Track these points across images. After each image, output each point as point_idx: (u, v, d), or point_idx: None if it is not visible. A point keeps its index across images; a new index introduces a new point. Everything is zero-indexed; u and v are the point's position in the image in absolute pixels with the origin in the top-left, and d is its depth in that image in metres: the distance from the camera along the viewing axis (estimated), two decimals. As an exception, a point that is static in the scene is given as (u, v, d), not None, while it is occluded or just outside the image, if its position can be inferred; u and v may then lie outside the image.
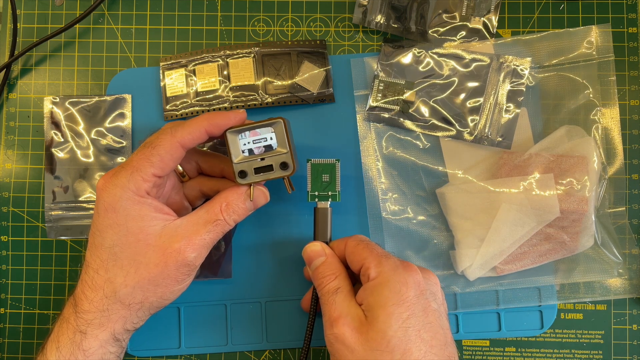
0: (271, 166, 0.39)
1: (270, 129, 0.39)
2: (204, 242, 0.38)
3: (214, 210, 0.38)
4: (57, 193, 0.46)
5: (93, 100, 0.47)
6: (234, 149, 0.39)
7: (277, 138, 0.39)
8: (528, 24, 0.47)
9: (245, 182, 0.39)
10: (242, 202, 0.39)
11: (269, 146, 0.39)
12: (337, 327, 0.35)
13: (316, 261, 0.40)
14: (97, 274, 0.37)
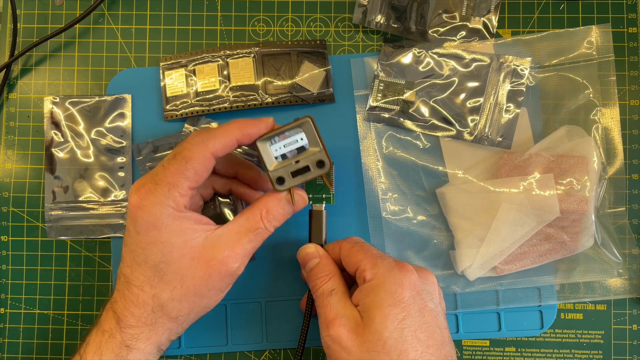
0: (307, 167, 0.38)
1: (299, 130, 0.38)
2: (246, 251, 0.37)
3: (255, 219, 0.38)
4: (57, 193, 0.46)
5: (93, 100, 0.47)
6: (266, 157, 0.38)
7: (308, 137, 0.38)
8: (528, 24, 0.47)
9: (284, 187, 0.38)
10: (282, 207, 0.39)
11: (301, 147, 0.38)
12: (333, 328, 0.35)
13: (310, 263, 0.40)
14: (142, 291, 0.37)
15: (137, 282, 0.37)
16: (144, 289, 0.37)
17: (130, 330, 0.37)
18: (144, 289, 0.37)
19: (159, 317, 0.37)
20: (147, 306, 0.37)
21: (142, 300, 0.37)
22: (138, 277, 0.37)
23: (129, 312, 0.37)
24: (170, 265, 0.36)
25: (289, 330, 0.46)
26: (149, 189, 0.36)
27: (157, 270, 0.36)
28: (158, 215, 0.36)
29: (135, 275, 0.37)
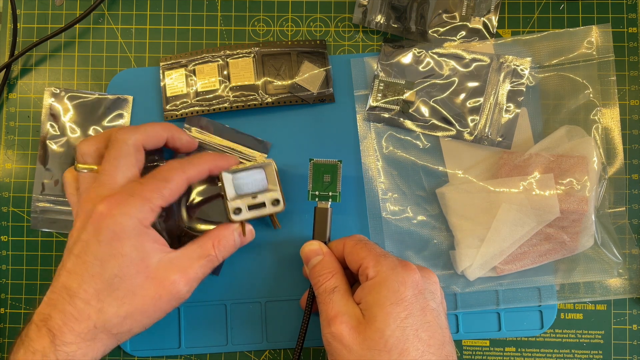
0: (263, 203, 0.42)
1: (261, 170, 0.42)
2: (196, 276, 0.39)
3: (207, 246, 0.39)
4: (46, 185, 0.46)
5: (94, 96, 0.46)
6: (228, 188, 0.42)
7: (268, 178, 0.42)
8: (528, 24, 0.47)
9: (238, 219, 0.42)
10: (233, 239, 0.41)
11: (260, 185, 0.42)
12: (334, 325, 0.35)
13: (313, 260, 0.40)
14: (87, 305, 0.35)
15: (84, 295, 0.36)
16: (90, 303, 0.36)
17: (67, 348, 0.35)
18: (91, 302, 0.36)
19: (99, 333, 0.36)
20: (89, 321, 0.36)
21: (85, 315, 0.35)
22: (86, 290, 0.36)
23: (68, 328, 0.35)
24: (124, 280, 0.36)
25: (289, 330, 0.46)
26: (120, 199, 0.36)
27: (109, 284, 0.36)
28: (125, 226, 0.36)
29: (84, 287, 0.36)
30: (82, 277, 0.36)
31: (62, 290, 0.36)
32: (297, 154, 0.46)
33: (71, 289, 0.36)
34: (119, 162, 0.39)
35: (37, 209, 0.46)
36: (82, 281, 0.36)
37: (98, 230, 0.36)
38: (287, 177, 0.46)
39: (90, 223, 0.36)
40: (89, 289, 0.36)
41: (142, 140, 0.40)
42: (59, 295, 0.36)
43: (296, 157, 0.46)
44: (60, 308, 0.36)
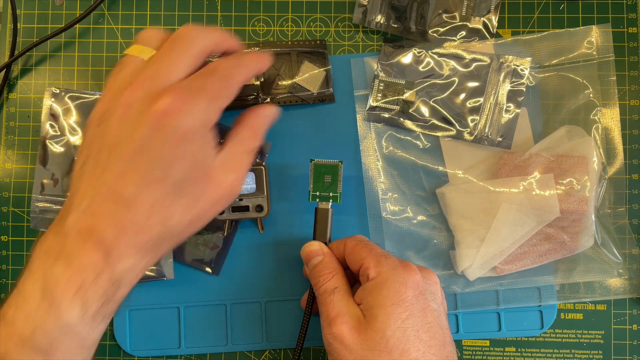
0: (247, 207, 0.43)
1: (251, 174, 0.43)
2: (245, 172, 0.36)
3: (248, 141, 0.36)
4: (46, 185, 0.46)
5: (94, 96, 0.46)
6: None
7: (257, 182, 0.43)
8: (528, 24, 0.47)
9: (220, 218, 0.43)
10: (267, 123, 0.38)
11: (248, 188, 0.43)
12: (335, 326, 0.35)
13: (313, 260, 0.40)
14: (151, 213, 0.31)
15: (147, 203, 0.31)
16: (153, 210, 0.31)
17: (125, 264, 0.31)
18: (154, 209, 0.31)
19: (162, 242, 0.33)
20: (152, 231, 0.31)
21: (148, 225, 0.31)
22: (148, 197, 0.31)
23: (127, 241, 0.31)
24: (189, 185, 0.32)
25: (289, 330, 0.46)
26: (185, 95, 0.31)
27: (174, 190, 0.32)
28: (192, 126, 0.31)
29: (145, 194, 0.31)
30: (141, 181, 0.31)
31: (113, 196, 0.31)
32: (297, 154, 0.46)
33: (127, 195, 0.31)
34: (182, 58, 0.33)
35: (36, 209, 0.46)
36: (143, 186, 0.31)
37: (161, 128, 0.31)
38: (287, 177, 0.46)
39: (150, 117, 0.31)
40: (151, 195, 0.31)
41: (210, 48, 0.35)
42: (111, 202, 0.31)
43: (296, 157, 0.46)
44: (114, 218, 0.31)
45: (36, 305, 0.30)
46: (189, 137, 0.32)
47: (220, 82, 0.34)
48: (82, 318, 0.30)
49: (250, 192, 0.43)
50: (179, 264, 0.46)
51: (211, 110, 0.33)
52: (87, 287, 0.30)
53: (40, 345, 0.30)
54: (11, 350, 0.30)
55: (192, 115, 0.31)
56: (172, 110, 0.31)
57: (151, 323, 0.46)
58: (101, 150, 0.32)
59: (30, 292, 0.30)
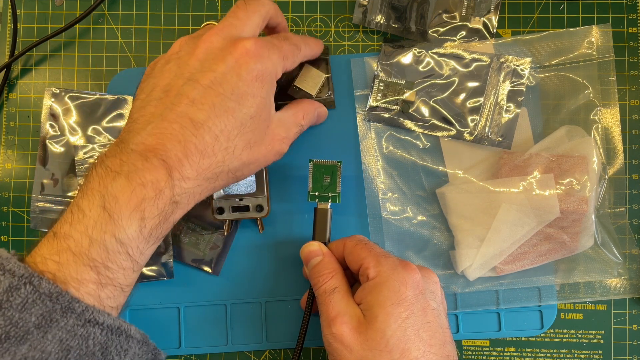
0: (248, 207, 0.43)
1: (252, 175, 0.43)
2: (293, 139, 0.40)
3: (299, 116, 0.41)
4: (46, 185, 0.46)
5: (94, 97, 0.46)
6: None
7: (257, 182, 0.43)
8: (528, 24, 0.47)
9: (221, 218, 0.43)
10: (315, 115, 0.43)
11: (248, 188, 0.43)
12: (335, 326, 0.35)
13: (313, 260, 0.40)
14: (216, 141, 0.33)
15: (215, 130, 0.33)
16: (219, 139, 0.33)
17: (185, 185, 0.32)
18: (220, 139, 0.33)
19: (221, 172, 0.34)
20: (215, 158, 0.33)
21: (212, 151, 0.33)
22: (217, 125, 0.33)
23: (191, 163, 0.32)
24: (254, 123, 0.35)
25: (289, 330, 0.46)
26: (267, 44, 0.35)
27: (242, 124, 0.34)
28: (269, 70, 0.35)
29: (214, 121, 0.33)
30: (213, 109, 0.33)
31: (182, 119, 0.32)
32: (297, 154, 0.46)
33: (197, 119, 0.33)
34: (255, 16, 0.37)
35: (36, 209, 0.46)
36: (213, 114, 0.33)
37: (240, 65, 0.34)
38: (288, 177, 0.46)
39: (231, 56, 0.34)
40: (220, 124, 0.33)
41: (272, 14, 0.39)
42: (179, 124, 0.32)
43: (296, 157, 0.46)
44: (180, 139, 0.32)
45: (94, 220, 0.30)
46: (263, 79, 0.35)
47: (291, 46, 0.38)
48: (139, 234, 0.31)
49: (250, 192, 0.43)
50: (179, 264, 0.46)
51: (280, 65, 0.36)
52: (147, 203, 0.31)
53: (95, 260, 0.30)
54: (65, 265, 0.30)
55: (268, 61, 0.35)
56: (252, 52, 0.34)
57: (151, 323, 0.46)
58: (173, 81, 0.34)
59: (87, 208, 0.31)
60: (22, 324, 0.28)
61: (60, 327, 0.29)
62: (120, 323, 0.32)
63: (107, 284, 0.31)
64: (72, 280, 0.30)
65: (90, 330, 0.30)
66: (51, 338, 0.29)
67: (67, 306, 0.29)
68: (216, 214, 0.43)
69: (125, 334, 0.32)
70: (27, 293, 0.29)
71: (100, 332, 0.30)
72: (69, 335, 0.29)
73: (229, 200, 0.43)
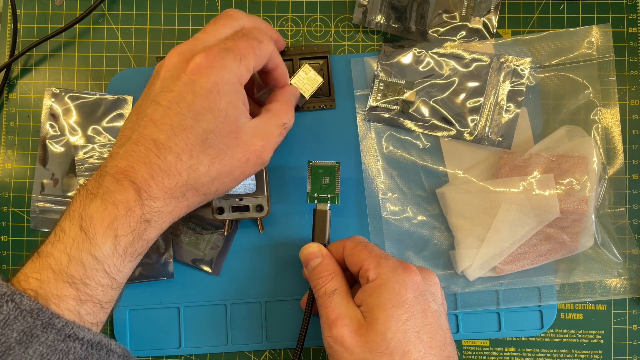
0: (248, 207, 0.43)
1: None
2: (276, 144, 0.39)
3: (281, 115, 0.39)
4: (46, 185, 0.46)
5: (94, 97, 0.46)
6: None
7: (257, 182, 0.43)
8: (528, 24, 0.47)
9: (221, 218, 0.43)
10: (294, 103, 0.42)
11: (248, 188, 0.43)
12: (335, 328, 0.35)
13: (312, 262, 0.40)
14: (178, 160, 0.34)
15: (175, 149, 0.34)
16: (181, 158, 0.34)
17: (154, 204, 0.33)
18: (182, 157, 0.34)
19: (188, 191, 0.35)
20: (180, 177, 0.34)
21: (175, 170, 0.34)
22: (177, 144, 0.34)
23: (156, 182, 0.33)
24: (217, 138, 0.35)
25: (289, 330, 0.46)
26: (218, 52, 0.35)
27: (202, 140, 0.34)
28: (225, 80, 0.34)
29: (174, 141, 0.34)
30: (172, 129, 0.34)
31: (147, 141, 0.34)
32: (297, 154, 0.46)
33: (159, 141, 0.34)
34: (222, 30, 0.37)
35: (36, 209, 0.46)
36: (173, 134, 0.34)
37: (194, 81, 0.34)
38: (288, 177, 0.46)
39: (185, 74, 0.34)
40: (180, 142, 0.34)
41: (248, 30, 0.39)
42: (144, 147, 0.34)
43: (296, 158, 0.46)
44: (145, 160, 0.33)
45: (72, 239, 0.32)
46: (219, 90, 0.34)
47: (248, 42, 0.36)
48: (114, 251, 0.32)
49: (250, 192, 0.43)
50: (179, 264, 0.46)
51: (241, 67, 0.35)
52: (119, 221, 0.32)
53: (73, 277, 0.32)
54: (46, 282, 0.31)
55: (221, 70, 0.34)
56: (203, 66, 0.34)
57: (151, 323, 0.46)
58: (142, 103, 0.35)
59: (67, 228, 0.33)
60: (4, 340, 0.29)
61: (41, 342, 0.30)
62: (101, 338, 0.32)
63: (87, 301, 0.32)
64: (53, 296, 0.31)
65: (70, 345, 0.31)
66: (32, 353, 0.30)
67: (47, 322, 0.30)
68: (216, 214, 0.43)
69: (105, 349, 0.33)
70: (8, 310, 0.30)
71: (81, 347, 0.31)
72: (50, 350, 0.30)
73: (229, 200, 0.43)
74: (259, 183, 0.43)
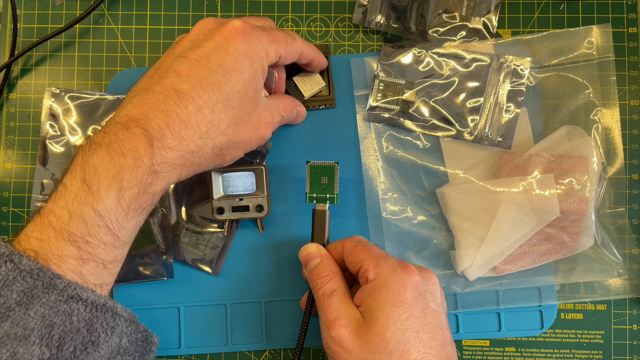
0: (248, 207, 0.43)
1: (252, 174, 0.43)
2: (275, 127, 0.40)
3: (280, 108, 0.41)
4: (46, 185, 0.46)
5: (94, 97, 0.46)
6: (215, 186, 0.43)
7: (257, 182, 0.43)
8: (528, 24, 0.47)
9: (221, 218, 0.43)
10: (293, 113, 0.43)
11: (248, 188, 0.43)
12: (334, 329, 0.35)
13: (312, 262, 0.40)
14: (200, 112, 0.33)
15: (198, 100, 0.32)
16: (203, 111, 0.33)
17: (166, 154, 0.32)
18: (204, 110, 0.33)
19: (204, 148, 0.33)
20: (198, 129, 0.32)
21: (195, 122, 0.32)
22: (201, 96, 0.33)
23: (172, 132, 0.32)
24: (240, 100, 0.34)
25: (289, 330, 0.46)
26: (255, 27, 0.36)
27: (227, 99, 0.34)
28: (257, 49, 0.35)
29: (199, 93, 0.33)
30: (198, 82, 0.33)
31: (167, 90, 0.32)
32: (297, 154, 0.46)
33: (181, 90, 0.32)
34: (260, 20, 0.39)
35: (36, 209, 0.46)
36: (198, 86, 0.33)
37: (228, 41, 0.34)
38: (287, 178, 0.46)
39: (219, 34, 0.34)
40: (204, 95, 0.33)
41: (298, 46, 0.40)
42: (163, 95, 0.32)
43: (296, 158, 0.46)
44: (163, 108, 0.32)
45: (74, 194, 0.31)
46: (250, 56, 0.35)
47: (283, 35, 0.38)
48: (117, 205, 0.31)
49: (250, 192, 0.43)
50: (179, 264, 0.46)
51: (271, 48, 0.36)
52: (126, 172, 0.31)
53: (74, 235, 0.30)
54: (46, 241, 0.30)
55: (255, 40, 0.35)
56: (240, 30, 0.34)
57: (151, 323, 0.45)
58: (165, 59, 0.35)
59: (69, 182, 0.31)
60: (3, 301, 0.29)
61: (42, 303, 0.29)
62: (106, 300, 0.31)
63: (89, 260, 0.31)
64: (53, 256, 0.30)
65: (73, 307, 0.30)
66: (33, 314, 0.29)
67: (48, 282, 0.29)
68: (216, 214, 0.43)
69: (111, 312, 0.32)
70: (7, 270, 0.29)
71: (85, 309, 0.30)
72: (52, 311, 0.29)
73: (229, 200, 0.43)
74: (259, 183, 0.43)
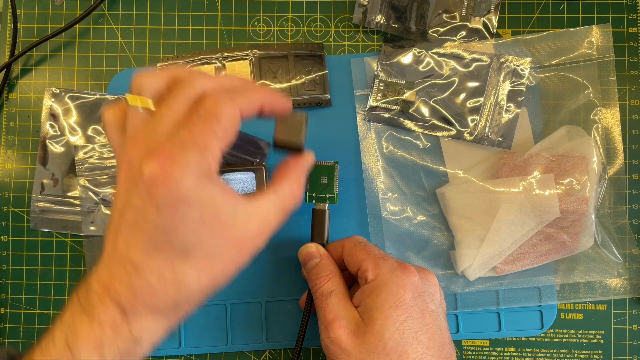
0: None
1: (251, 174, 0.43)
2: (272, 231, 0.34)
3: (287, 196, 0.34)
4: (46, 185, 0.46)
5: (94, 97, 0.46)
6: None
7: (257, 182, 0.43)
8: (528, 24, 0.47)
9: None
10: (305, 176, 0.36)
11: (248, 188, 0.43)
12: (332, 330, 0.35)
13: (310, 262, 0.40)
14: (161, 280, 0.30)
15: (156, 269, 0.30)
16: (164, 277, 0.30)
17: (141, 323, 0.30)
18: (165, 276, 0.30)
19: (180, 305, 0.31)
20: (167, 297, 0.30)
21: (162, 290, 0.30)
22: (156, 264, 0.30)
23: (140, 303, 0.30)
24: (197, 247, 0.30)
25: (289, 330, 0.46)
26: (172, 154, 0.28)
27: (181, 253, 0.30)
28: (189, 187, 0.28)
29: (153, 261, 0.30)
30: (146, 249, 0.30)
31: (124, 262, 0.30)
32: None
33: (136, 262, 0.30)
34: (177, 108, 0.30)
35: (36, 209, 0.46)
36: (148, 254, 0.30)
37: (153, 196, 0.28)
38: (287, 177, 0.46)
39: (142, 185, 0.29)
40: (160, 262, 0.30)
41: None
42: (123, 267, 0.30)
43: (296, 157, 0.46)
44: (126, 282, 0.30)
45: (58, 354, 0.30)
46: (187, 200, 0.29)
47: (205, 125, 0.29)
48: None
49: (250, 192, 0.43)
50: (179, 264, 0.46)
51: (204, 162, 0.29)
52: (106, 342, 0.30)
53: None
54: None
55: (181, 177, 0.28)
56: (159, 177, 0.28)
57: (151, 323, 0.46)
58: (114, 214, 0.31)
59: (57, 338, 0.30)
60: None
61: None
62: None
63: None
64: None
65: None
66: None
67: None
68: None
69: None
70: None
71: None
72: None
73: None
74: (258, 183, 0.43)
